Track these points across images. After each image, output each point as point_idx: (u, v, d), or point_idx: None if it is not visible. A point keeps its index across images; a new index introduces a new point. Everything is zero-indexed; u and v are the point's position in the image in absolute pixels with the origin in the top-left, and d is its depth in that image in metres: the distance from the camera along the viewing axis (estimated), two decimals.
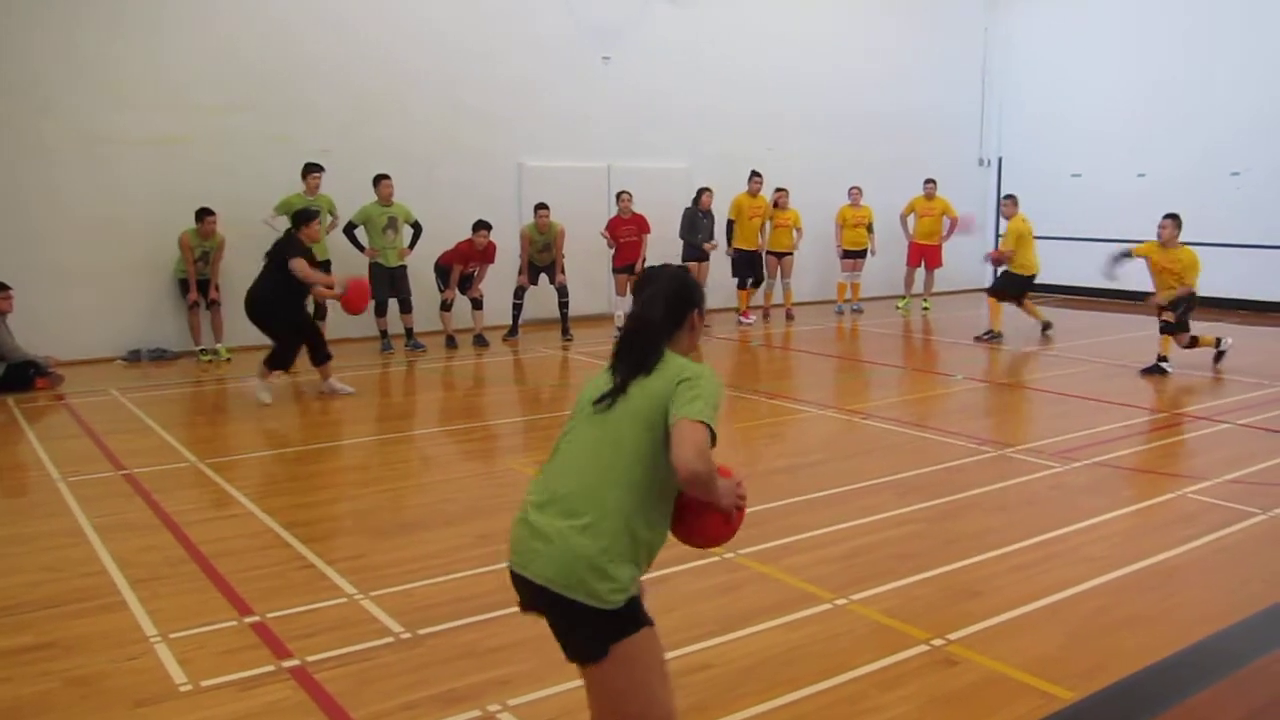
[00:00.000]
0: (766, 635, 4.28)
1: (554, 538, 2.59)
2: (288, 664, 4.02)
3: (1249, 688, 3.87)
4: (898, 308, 15.97)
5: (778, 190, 14.71)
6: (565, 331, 12.91)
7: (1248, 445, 7.67)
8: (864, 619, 4.45)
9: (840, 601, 4.61)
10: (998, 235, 19.41)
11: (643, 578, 2.69)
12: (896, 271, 16.26)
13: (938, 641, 4.19)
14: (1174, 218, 10.64)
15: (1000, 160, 19.22)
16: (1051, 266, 18.13)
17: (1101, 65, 17.32)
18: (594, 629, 2.58)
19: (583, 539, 2.56)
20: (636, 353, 2.72)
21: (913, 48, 17.90)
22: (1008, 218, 13.24)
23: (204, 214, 11.08)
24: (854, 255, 15.62)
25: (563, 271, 12.75)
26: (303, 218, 9.37)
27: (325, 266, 11.49)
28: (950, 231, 15.71)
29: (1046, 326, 13.17)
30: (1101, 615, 4.48)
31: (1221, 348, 10.72)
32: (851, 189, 15.50)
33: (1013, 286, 13.11)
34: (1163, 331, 10.56)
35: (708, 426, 2.49)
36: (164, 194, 11.27)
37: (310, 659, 4.06)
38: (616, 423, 2.64)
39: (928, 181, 15.62)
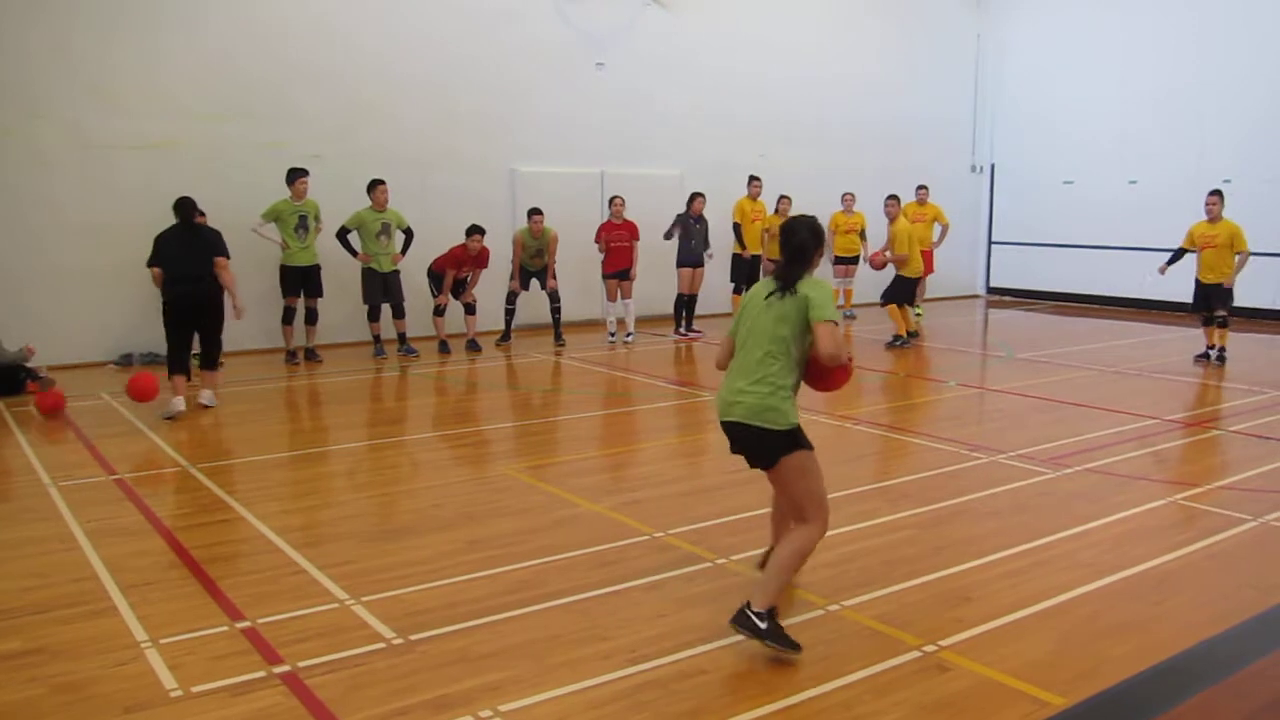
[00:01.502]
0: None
1: (744, 394, 4.24)
2: (278, 670, 4.01)
3: (1240, 694, 3.88)
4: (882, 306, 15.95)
5: (781, 198, 14.74)
6: (558, 337, 12.91)
7: (1239, 451, 7.70)
8: (856, 625, 4.44)
9: (833, 607, 4.61)
10: (988, 251, 19.51)
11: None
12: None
13: (930, 647, 4.19)
14: (1219, 193, 11.31)
15: (993, 167, 19.29)
16: (1045, 273, 18.33)
17: (1093, 73, 17.41)
18: (771, 445, 4.23)
19: (761, 391, 4.20)
20: (793, 274, 4.25)
21: (905, 55, 17.98)
22: (891, 219, 12.91)
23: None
24: (846, 261, 15.64)
25: (554, 277, 12.76)
26: (191, 206, 9.07)
27: (315, 271, 11.52)
28: (941, 238, 15.72)
29: (902, 339, 12.78)
30: (1093, 621, 4.49)
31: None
32: (844, 195, 15.53)
33: (906, 290, 12.93)
34: (1221, 325, 11.31)
35: (836, 324, 4.15)
36: (156, 199, 11.12)
37: (301, 665, 4.04)
38: (773, 322, 4.22)
39: (920, 188, 15.64)
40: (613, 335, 13.16)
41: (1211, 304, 11.40)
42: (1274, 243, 14.85)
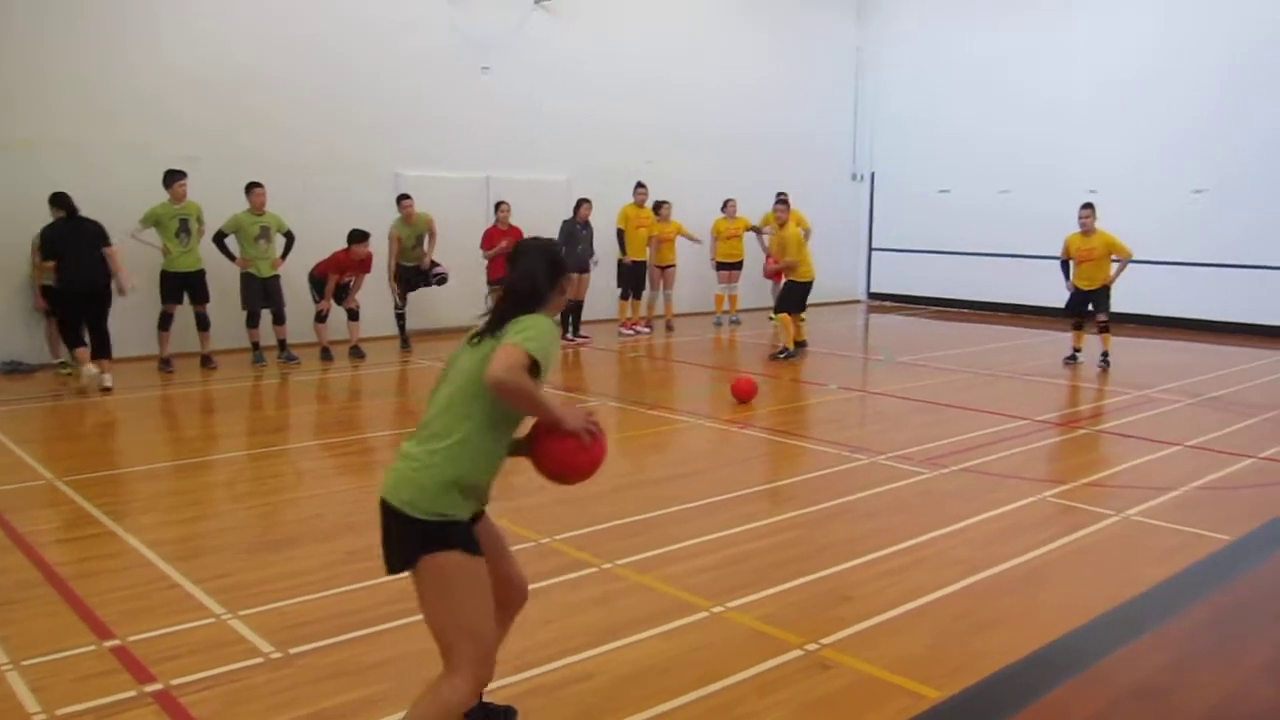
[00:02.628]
0: (644, 645, 4.30)
1: (401, 457, 3.06)
2: (150, 688, 3.87)
3: (1106, 680, 4.05)
4: (770, 319, 16.20)
5: (659, 202, 14.85)
6: (404, 343, 12.82)
7: (1103, 450, 8.04)
8: (740, 626, 4.50)
9: (717, 609, 4.66)
10: (869, 257, 19.96)
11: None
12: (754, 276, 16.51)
13: (812, 646, 4.27)
14: (1091, 206, 11.52)
15: (873, 175, 19.75)
16: (923, 278, 18.85)
17: (967, 85, 17.96)
18: (407, 538, 2.98)
19: (419, 457, 3.00)
20: (508, 311, 3.11)
21: (787, 65, 18.30)
22: (782, 224, 12.54)
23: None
24: (729, 267, 15.79)
25: (430, 258, 12.62)
26: (70, 199, 9.88)
27: (199, 276, 11.19)
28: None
29: (788, 351, 12.25)
30: (967, 616, 4.63)
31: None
32: (726, 201, 15.71)
33: (799, 296, 12.48)
34: (1103, 330, 11.56)
35: (525, 352, 2.90)
36: (12, 201, 10.71)
37: (175, 682, 3.92)
38: (466, 367, 3.07)
39: (779, 194, 15.88)
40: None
41: (1094, 309, 11.69)
42: (1141, 250, 15.57)
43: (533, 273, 3.17)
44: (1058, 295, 12.35)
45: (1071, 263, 11.88)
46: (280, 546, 5.62)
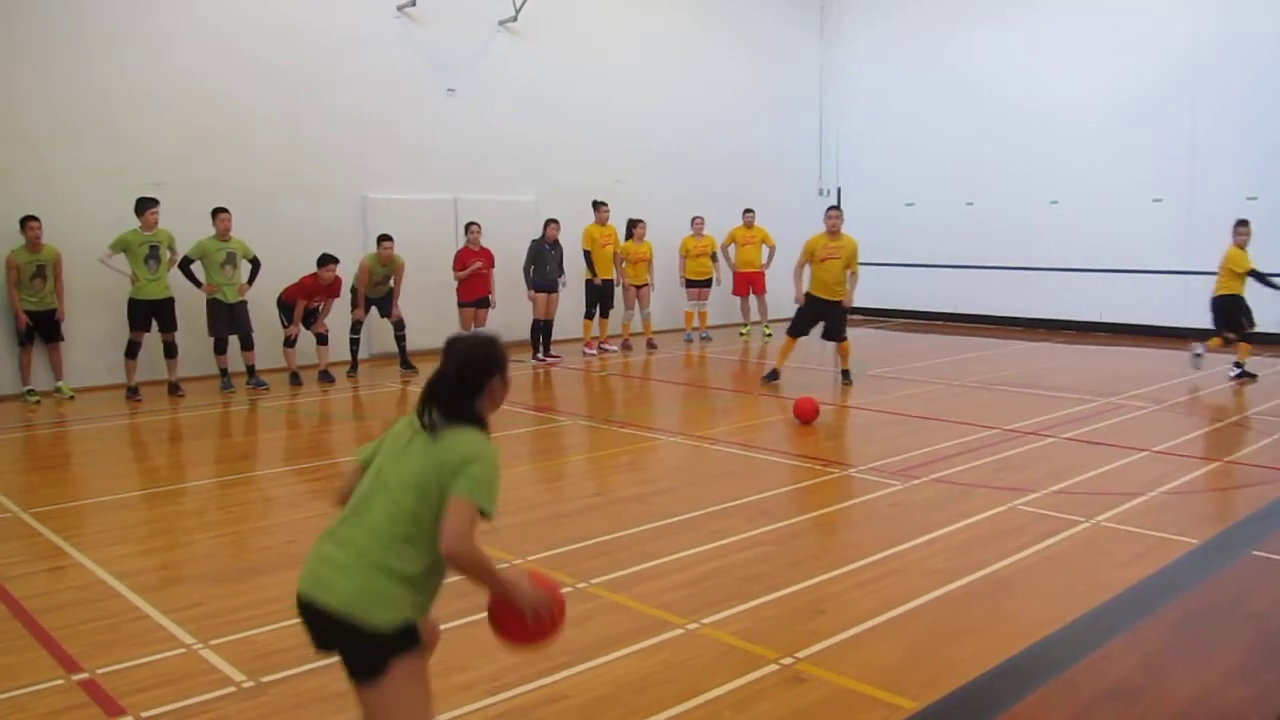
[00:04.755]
0: (621, 663, 4.29)
1: (344, 570, 2.78)
2: None
3: (1077, 686, 4.07)
4: (741, 334, 16.31)
5: (634, 221, 14.89)
6: (405, 364, 12.69)
7: (1071, 458, 8.10)
8: (716, 642, 4.50)
9: (692, 626, 4.66)
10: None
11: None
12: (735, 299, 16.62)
13: (787, 660, 4.28)
14: (1246, 223, 11.34)
15: (839, 190, 19.88)
16: (892, 291, 18.98)
17: (929, 100, 18.16)
18: (372, 648, 2.74)
19: (366, 569, 2.76)
20: (446, 408, 2.91)
21: (753, 83, 18.46)
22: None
23: (27, 220, 10.50)
24: (698, 284, 15.84)
25: (397, 305, 12.56)
26: None
27: (168, 304, 11.14)
28: (769, 259, 16.12)
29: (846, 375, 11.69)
30: (940, 626, 4.66)
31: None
32: (694, 219, 15.76)
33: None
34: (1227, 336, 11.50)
35: (479, 509, 2.76)
36: None
37: (145, 714, 3.87)
38: (398, 477, 2.83)
39: (746, 211, 16.02)
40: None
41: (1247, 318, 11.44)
42: (1103, 259, 15.78)
43: (466, 365, 2.97)
44: (1023, 306, 12.37)
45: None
46: (250, 574, 5.57)
